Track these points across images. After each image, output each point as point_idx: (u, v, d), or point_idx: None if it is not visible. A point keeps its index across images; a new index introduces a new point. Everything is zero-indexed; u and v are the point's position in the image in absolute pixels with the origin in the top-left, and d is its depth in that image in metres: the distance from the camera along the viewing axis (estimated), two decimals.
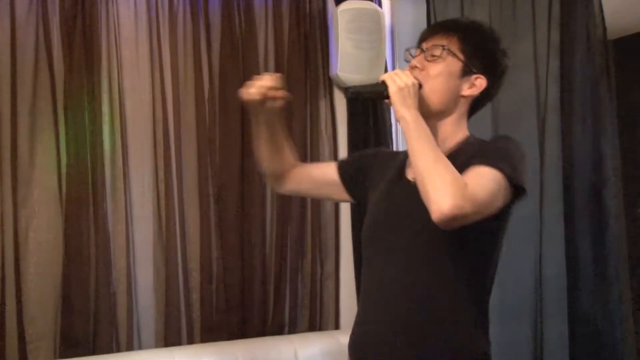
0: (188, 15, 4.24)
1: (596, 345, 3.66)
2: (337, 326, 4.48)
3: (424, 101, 2.40)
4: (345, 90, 3.69)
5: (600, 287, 3.67)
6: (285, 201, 4.28)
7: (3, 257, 3.75)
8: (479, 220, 2.20)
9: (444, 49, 2.39)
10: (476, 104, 2.49)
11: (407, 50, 2.54)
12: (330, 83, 4.54)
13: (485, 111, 3.79)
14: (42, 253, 3.87)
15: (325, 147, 4.57)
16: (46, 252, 3.87)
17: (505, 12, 4.09)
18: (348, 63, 4.34)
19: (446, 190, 2.10)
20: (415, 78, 2.38)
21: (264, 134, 2.63)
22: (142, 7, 4.16)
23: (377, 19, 4.49)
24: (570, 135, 3.79)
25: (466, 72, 2.40)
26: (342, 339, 3.97)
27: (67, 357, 3.76)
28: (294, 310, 4.42)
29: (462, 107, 2.45)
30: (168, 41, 4.19)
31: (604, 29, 3.66)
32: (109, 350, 3.88)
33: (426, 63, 2.40)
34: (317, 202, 4.54)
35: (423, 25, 4.42)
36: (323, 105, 4.55)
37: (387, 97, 2.35)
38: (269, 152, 2.68)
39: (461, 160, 2.29)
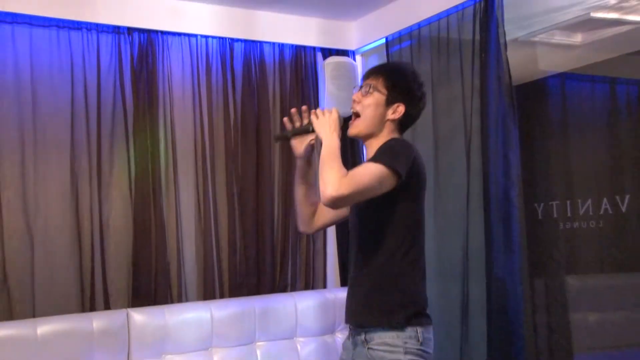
0: (219, 67, 4.40)
1: (505, 299, 3.68)
2: (324, 286, 4.63)
3: (360, 125, 2.55)
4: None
5: (508, 258, 3.68)
6: (287, 200, 4.39)
7: (93, 237, 3.96)
8: (378, 202, 2.36)
9: (371, 87, 2.53)
10: (402, 124, 2.60)
11: (354, 87, 2.69)
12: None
13: (429, 134, 4.11)
14: (119, 235, 4.06)
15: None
16: (121, 234, 4.07)
17: (442, 64, 4.10)
18: (332, 100, 4.43)
19: (329, 180, 2.22)
20: (354, 109, 2.56)
21: (304, 170, 2.70)
22: (187, 62, 4.32)
23: (352, 69, 4.64)
24: (488, 152, 3.77)
25: (389, 102, 2.53)
26: (328, 295, 4.34)
27: (136, 306, 3.92)
28: (294, 275, 4.55)
29: (390, 127, 2.56)
30: (205, 86, 4.35)
31: (510, 77, 3.65)
32: (165, 302, 4.08)
33: (362, 97, 2.54)
34: None
35: None
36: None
37: (313, 130, 2.53)
38: (306, 191, 2.72)
39: None
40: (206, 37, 4.36)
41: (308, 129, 2.57)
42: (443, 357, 2.48)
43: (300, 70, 4.64)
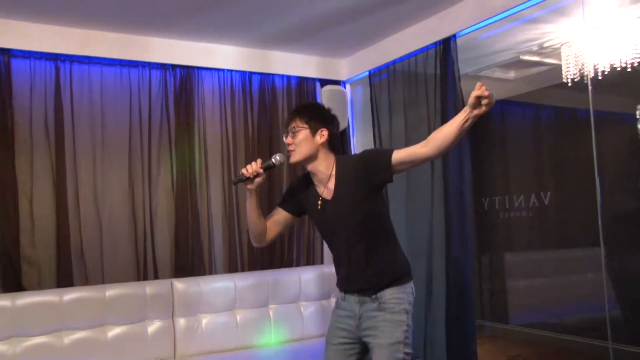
0: (241, 93, 4.45)
1: (459, 271, 3.70)
2: (322, 262, 4.65)
3: (299, 154, 2.47)
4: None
5: (462, 240, 3.70)
6: None
7: (145, 223, 4.04)
8: (376, 203, 2.41)
9: (296, 127, 2.47)
10: (330, 143, 2.53)
11: (284, 133, 2.57)
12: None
13: (402, 145, 3.94)
14: (164, 221, 4.15)
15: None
16: (166, 221, 4.15)
17: (412, 91, 4.06)
18: None
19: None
20: (290, 148, 2.48)
21: (255, 202, 2.52)
22: (216, 90, 4.37)
23: (344, 95, 4.73)
24: (447, 160, 3.74)
25: (314, 132, 2.47)
26: (324, 269, 4.34)
27: (177, 277, 4.02)
28: (298, 254, 4.58)
29: (323, 149, 2.49)
30: (230, 107, 4.39)
31: (463, 102, 3.51)
32: (199, 274, 4.13)
33: (292, 139, 2.48)
34: None
35: (368, 99, 4.49)
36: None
37: (246, 179, 2.43)
38: (257, 216, 2.55)
39: (349, 169, 2.44)
40: (231, 71, 4.41)
41: (243, 179, 2.46)
42: (413, 315, 2.49)
43: (303, 96, 4.67)
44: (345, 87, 4.85)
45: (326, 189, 2.50)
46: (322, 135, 2.49)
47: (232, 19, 3.85)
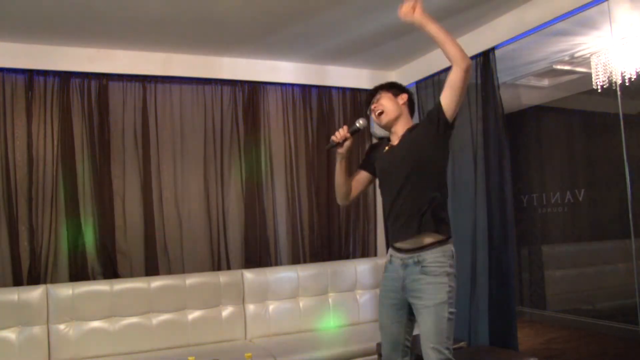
0: (301, 105, 4.48)
1: (500, 261, 3.63)
2: (375, 254, 4.62)
3: (387, 116, 2.50)
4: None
5: (502, 233, 3.63)
6: None
7: (218, 221, 4.12)
8: (435, 157, 2.32)
9: (378, 98, 2.55)
10: (410, 107, 2.57)
11: (367, 112, 2.63)
12: (369, 134, 4.66)
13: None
14: (235, 219, 4.20)
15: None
16: (236, 219, 4.20)
17: None
18: (377, 126, 4.11)
19: (461, 51, 2.21)
20: (378, 109, 2.51)
21: (344, 164, 2.55)
22: (280, 102, 4.41)
23: None
24: (489, 160, 3.71)
25: (395, 95, 2.53)
26: (378, 261, 4.32)
27: (247, 268, 4.07)
28: (354, 247, 4.57)
29: (405, 110, 2.54)
30: (292, 117, 4.44)
31: (502, 108, 3.61)
32: (266, 265, 4.16)
33: (376, 104, 2.53)
34: (365, 195, 4.56)
35: (415, 107, 4.31)
36: (368, 143, 4.59)
37: (337, 144, 2.48)
38: (344, 178, 2.58)
39: (415, 132, 2.44)
40: (292, 84, 4.46)
41: (334, 145, 2.49)
42: (457, 302, 2.37)
43: (356, 105, 4.68)
44: None
45: (397, 139, 2.53)
46: (402, 98, 2.55)
47: (293, 39, 3.89)
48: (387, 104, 2.52)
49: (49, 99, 3.73)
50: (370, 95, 2.62)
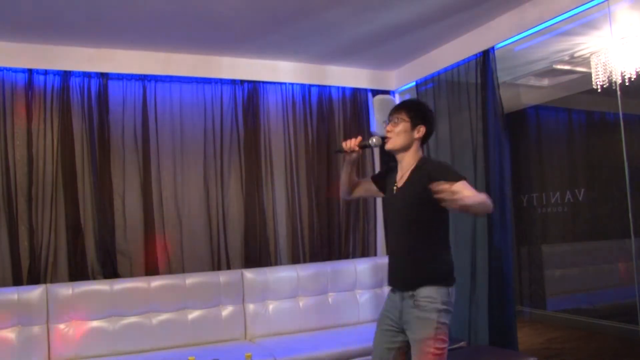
0: (301, 104, 4.46)
1: (500, 261, 3.63)
2: (375, 254, 4.61)
3: (393, 145, 2.44)
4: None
5: (502, 233, 3.62)
6: None
7: (218, 220, 4.11)
8: (430, 202, 2.15)
9: (399, 118, 2.43)
10: (424, 139, 2.48)
11: (384, 121, 2.55)
12: (371, 135, 4.47)
13: (447, 147, 4.05)
14: (234, 219, 4.18)
15: (368, 162, 4.68)
16: (236, 219, 4.18)
17: (455, 99, 4.01)
18: (378, 124, 4.40)
19: (485, 205, 2.12)
20: (388, 135, 2.44)
21: (349, 169, 2.59)
22: (279, 101, 4.39)
23: (393, 103, 4.46)
24: (488, 160, 3.71)
25: (413, 126, 2.42)
26: (378, 260, 4.31)
27: (247, 267, 4.05)
28: (354, 247, 4.55)
29: (416, 144, 2.45)
30: (291, 117, 4.42)
31: (502, 108, 3.61)
32: (266, 265, 4.14)
33: (393, 127, 2.43)
34: None
35: None
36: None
37: (341, 151, 2.49)
38: (349, 179, 2.62)
39: (421, 172, 2.37)
40: (292, 84, 4.45)
41: (341, 151, 2.51)
42: (457, 301, 2.35)
43: (356, 105, 4.67)
44: (394, 96, 4.82)
45: (402, 178, 2.47)
46: (419, 131, 2.44)
47: (293, 39, 3.89)
48: (399, 135, 2.44)
49: (49, 99, 3.72)
50: (394, 109, 2.53)
